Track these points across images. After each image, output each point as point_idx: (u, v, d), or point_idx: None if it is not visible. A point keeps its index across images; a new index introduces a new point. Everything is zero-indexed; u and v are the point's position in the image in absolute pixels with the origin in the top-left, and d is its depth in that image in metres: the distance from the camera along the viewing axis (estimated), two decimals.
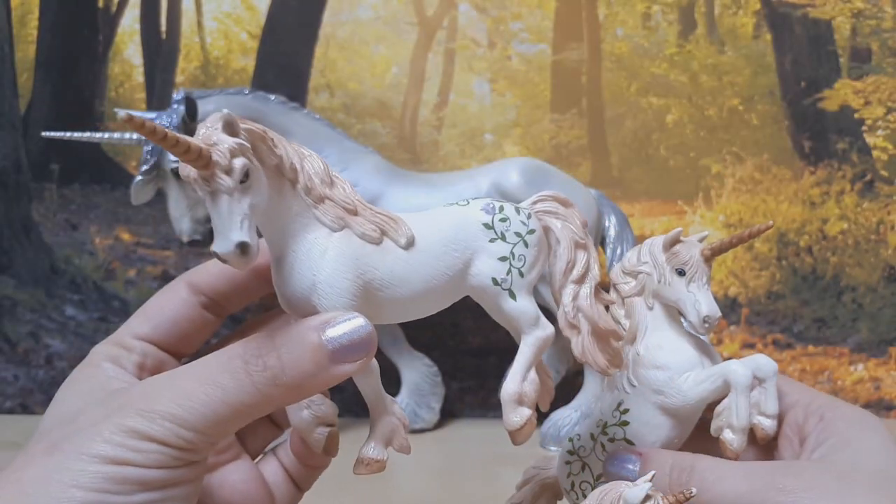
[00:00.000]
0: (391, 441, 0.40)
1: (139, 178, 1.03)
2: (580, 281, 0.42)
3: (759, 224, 0.47)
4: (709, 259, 0.47)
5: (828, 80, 1.27)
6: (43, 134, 1.09)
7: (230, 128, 0.33)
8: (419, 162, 1.30)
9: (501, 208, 0.41)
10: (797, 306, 1.26)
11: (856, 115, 1.26)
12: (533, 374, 0.40)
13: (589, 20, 1.29)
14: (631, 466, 0.44)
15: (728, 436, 0.44)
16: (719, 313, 0.46)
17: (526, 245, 0.40)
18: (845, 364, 1.25)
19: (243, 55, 1.30)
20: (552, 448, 1.03)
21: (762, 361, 0.45)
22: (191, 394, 0.33)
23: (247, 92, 1.08)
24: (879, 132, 1.26)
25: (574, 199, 0.44)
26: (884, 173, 1.26)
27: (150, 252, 1.28)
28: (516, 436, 0.40)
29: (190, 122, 1.01)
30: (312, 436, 0.42)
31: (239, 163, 0.33)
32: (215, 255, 0.32)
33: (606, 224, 1.11)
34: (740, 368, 0.44)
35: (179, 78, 1.30)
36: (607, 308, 0.44)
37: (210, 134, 0.33)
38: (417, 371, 1.14)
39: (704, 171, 1.28)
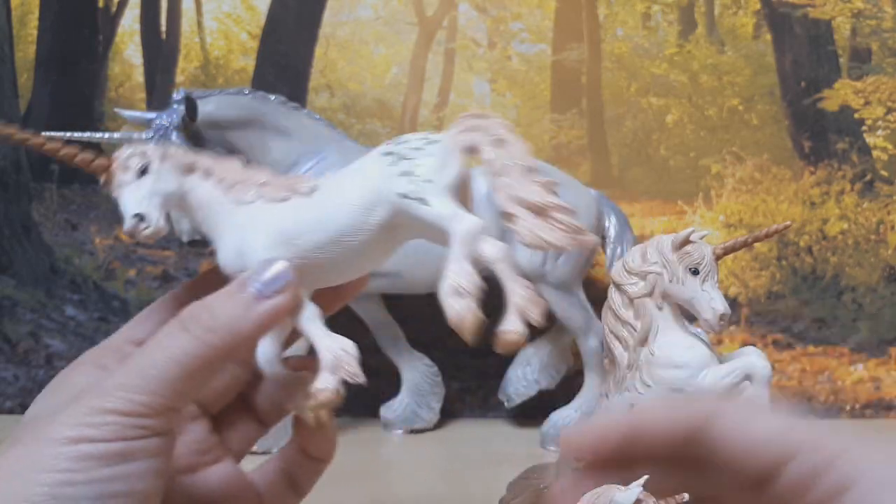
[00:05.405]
0: (337, 371, 0.38)
1: None
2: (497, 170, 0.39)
3: (777, 224, 0.48)
4: (720, 258, 0.48)
5: (828, 80, 1.27)
6: (43, 134, 1.08)
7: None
8: None
9: (402, 138, 0.40)
10: (797, 306, 1.26)
11: (856, 115, 1.26)
12: (469, 268, 0.37)
13: (589, 20, 1.29)
14: None
15: None
16: (730, 311, 0.47)
17: (426, 154, 0.39)
18: (845, 364, 1.25)
19: (243, 55, 1.30)
20: (552, 448, 1.03)
21: (758, 363, 0.45)
22: (138, 363, 0.34)
23: (247, 92, 1.08)
24: (879, 132, 1.26)
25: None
26: (884, 173, 1.26)
27: (150, 252, 1.28)
28: (461, 328, 0.37)
29: (190, 121, 1.01)
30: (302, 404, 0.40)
31: (134, 161, 0.40)
32: (125, 236, 0.37)
33: (606, 224, 1.11)
34: (760, 361, 0.45)
35: (179, 78, 1.30)
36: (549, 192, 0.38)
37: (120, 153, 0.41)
38: (417, 371, 1.14)
39: (704, 171, 1.28)
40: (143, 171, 0.39)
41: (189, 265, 1.27)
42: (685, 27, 1.30)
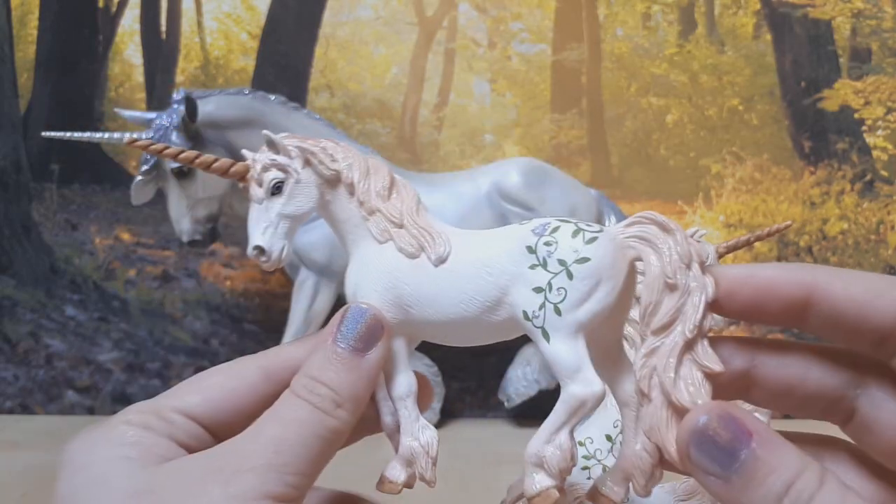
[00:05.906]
0: (411, 465, 0.37)
1: (139, 178, 1.03)
2: (661, 332, 0.33)
3: (778, 224, 0.47)
4: (721, 256, 0.48)
5: (828, 80, 1.27)
6: (43, 134, 1.09)
7: (271, 146, 0.38)
8: (419, 162, 1.30)
9: (555, 229, 0.35)
10: None
11: (856, 115, 1.26)
12: (563, 437, 0.33)
13: (589, 20, 1.29)
14: (742, 454, 0.28)
15: None
16: None
17: (569, 276, 0.33)
18: None
19: (243, 55, 1.30)
20: None
21: None
22: (281, 439, 0.32)
23: (247, 92, 1.08)
24: (879, 132, 1.26)
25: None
26: (884, 173, 1.26)
27: (150, 252, 1.28)
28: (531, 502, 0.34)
29: (190, 121, 1.01)
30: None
31: (269, 176, 0.37)
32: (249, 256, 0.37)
33: (607, 224, 1.11)
34: None
35: (179, 78, 1.30)
36: (708, 377, 0.32)
37: (257, 153, 0.38)
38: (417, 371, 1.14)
39: (704, 171, 1.28)
40: (277, 189, 0.37)
41: (189, 265, 1.27)
42: (685, 27, 1.30)
